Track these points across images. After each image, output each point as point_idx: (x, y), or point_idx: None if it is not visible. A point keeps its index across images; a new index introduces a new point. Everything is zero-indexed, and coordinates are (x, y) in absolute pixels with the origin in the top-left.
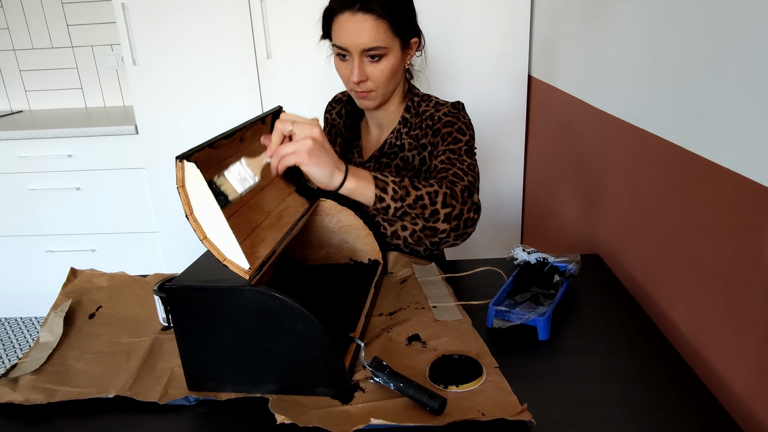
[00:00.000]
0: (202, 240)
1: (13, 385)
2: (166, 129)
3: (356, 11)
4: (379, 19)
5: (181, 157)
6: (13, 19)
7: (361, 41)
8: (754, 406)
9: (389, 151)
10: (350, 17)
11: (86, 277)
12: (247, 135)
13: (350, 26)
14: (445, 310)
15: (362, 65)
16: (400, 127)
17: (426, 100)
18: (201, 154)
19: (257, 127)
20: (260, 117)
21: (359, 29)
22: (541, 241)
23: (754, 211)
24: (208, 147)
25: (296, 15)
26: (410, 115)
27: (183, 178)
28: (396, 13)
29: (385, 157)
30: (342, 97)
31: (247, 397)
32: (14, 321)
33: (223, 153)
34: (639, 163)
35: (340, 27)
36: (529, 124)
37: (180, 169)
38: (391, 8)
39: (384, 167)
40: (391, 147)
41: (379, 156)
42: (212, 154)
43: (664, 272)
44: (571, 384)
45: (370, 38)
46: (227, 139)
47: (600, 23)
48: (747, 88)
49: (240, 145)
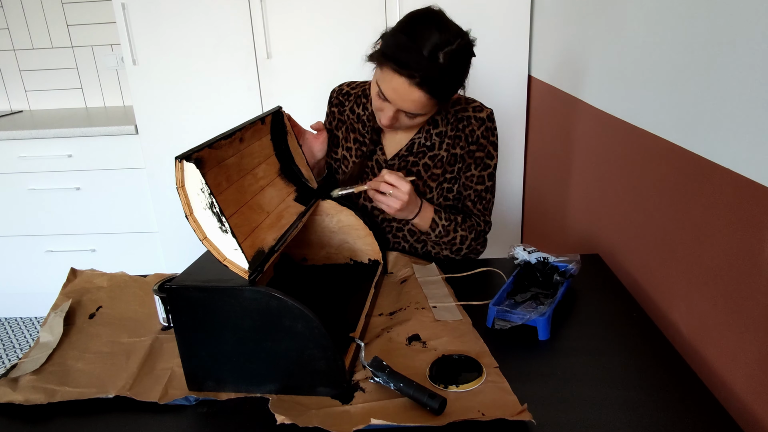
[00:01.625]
0: (202, 240)
1: (14, 385)
2: (166, 129)
3: (413, 84)
4: (431, 98)
5: (180, 157)
6: (13, 19)
7: (405, 106)
8: (754, 406)
9: (417, 151)
10: (405, 84)
11: (86, 277)
12: (246, 135)
13: (400, 89)
14: (446, 310)
15: (397, 115)
16: (430, 128)
17: (458, 102)
18: (201, 154)
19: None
20: (260, 117)
21: (407, 97)
22: (541, 240)
23: (754, 211)
24: (207, 147)
25: (296, 15)
26: (440, 117)
27: (183, 179)
28: (448, 93)
29: (412, 156)
30: (351, 91)
31: (247, 397)
32: (14, 321)
33: (223, 153)
34: (639, 163)
35: (391, 83)
36: (529, 124)
37: (180, 169)
38: (449, 89)
39: (411, 165)
40: (420, 147)
41: (406, 155)
42: (212, 154)
43: (664, 272)
44: (571, 384)
45: (416, 108)
46: (227, 139)
47: (600, 23)
48: (747, 88)
49: (240, 145)
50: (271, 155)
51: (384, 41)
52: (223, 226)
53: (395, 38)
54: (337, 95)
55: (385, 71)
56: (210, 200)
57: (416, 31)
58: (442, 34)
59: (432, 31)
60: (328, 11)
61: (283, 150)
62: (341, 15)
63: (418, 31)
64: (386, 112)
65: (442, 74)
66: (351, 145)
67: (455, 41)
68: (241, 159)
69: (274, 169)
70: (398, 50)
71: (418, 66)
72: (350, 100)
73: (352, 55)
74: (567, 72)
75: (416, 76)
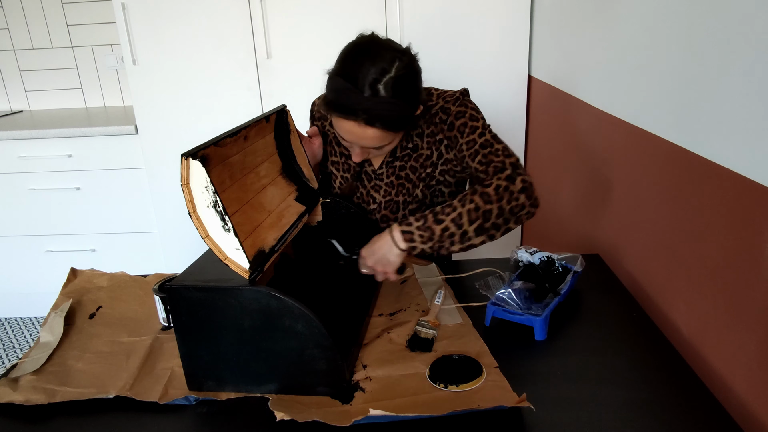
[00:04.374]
0: (204, 238)
1: (14, 385)
2: (166, 129)
3: (363, 124)
4: (385, 130)
5: (186, 154)
6: (13, 19)
7: (364, 143)
8: (754, 406)
9: (402, 154)
10: (355, 126)
11: (86, 277)
12: (251, 133)
13: (354, 131)
14: (445, 312)
15: (365, 150)
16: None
17: (428, 96)
18: (206, 151)
19: (261, 125)
20: (264, 116)
21: (363, 135)
22: (541, 241)
23: (754, 211)
24: (213, 145)
25: (296, 15)
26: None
27: (188, 176)
28: (403, 120)
29: (398, 161)
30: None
31: (247, 397)
32: (14, 321)
33: (228, 151)
34: (639, 163)
35: (343, 127)
36: (529, 124)
37: (185, 166)
38: (398, 120)
39: (399, 170)
40: (403, 150)
41: (392, 161)
42: (217, 152)
43: (664, 272)
44: (570, 384)
45: (374, 143)
46: (232, 137)
47: (600, 23)
48: (747, 87)
49: (244, 143)
50: (274, 153)
51: (327, 87)
52: (225, 225)
53: (334, 83)
54: (318, 108)
55: (335, 117)
56: (214, 198)
57: (351, 71)
58: (376, 65)
59: (365, 65)
60: (328, 11)
61: (286, 149)
62: (341, 15)
63: (353, 70)
64: (354, 151)
65: (388, 107)
66: (337, 159)
67: (392, 68)
68: (245, 157)
69: (276, 167)
70: (339, 96)
71: (361, 107)
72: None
73: None
74: (567, 72)
75: (362, 117)
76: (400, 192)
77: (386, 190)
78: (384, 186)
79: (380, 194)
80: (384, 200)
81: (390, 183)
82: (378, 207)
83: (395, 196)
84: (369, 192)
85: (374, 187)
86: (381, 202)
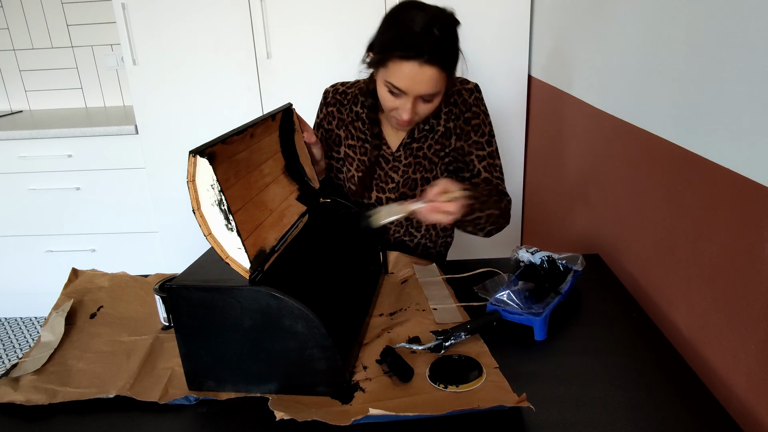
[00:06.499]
0: (207, 236)
1: (15, 385)
2: (166, 129)
3: (423, 63)
4: (442, 71)
5: (194, 152)
6: (13, 19)
7: (421, 89)
8: (754, 406)
9: (419, 136)
10: (415, 67)
11: (87, 277)
12: (257, 131)
13: (414, 75)
14: (446, 312)
15: (415, 106)
16: None
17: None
18: (214, 149)
19: (267, 123)
20: (271, 114)
21: (422, 79)
22: (542, 240)
23: (754, 211)
24: (220, 143)
25: (296, 15)
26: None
27: (194, 173)
28: (453, 62)
29: (416, 143)
30: (347, 90)
31: (247, 397)
32: (14, 321)
33: (234, 148)
34: (639, 163)
35: (402, 72)
36: (529, 124)
37: (192, 164)
38: (453, 59)
39: (417, 151)
40: (420, 132)
41: (410, 143)
42: (224, 150)
43: (664, 272)
44: (570, 384)
45: (431, 87)
46: (239, 135)
47: (600, 23)
48: (747, 87)
49: (251, 141)
50: (278, 152)
51: (377, 42)
52: (229, 223)
53: (388, 34)
54: (333, 94)
55: (392, 65)
56: (219, 197)
57: (405, 19)
58: (427, 13)
59: (417, 14)
60: (328, 11)
61: (289, 147)
62: (341, 15)
63: (407, 19)
64: (404, 106)
65: (443, 45)
66: (354, 143)
67: (440, 14)
68: (251, 155)
69: (280, 166)
70: (397, 41)
71: (421, 46)
72: (348, 99)
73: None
74: (567, 72)
75: (424, 54)
76: (418, 170)
77: (404, 170)
78: (402, 167)
79: (398, 174)
80: (402, 179)
81: (408, 164)
82: (396, 186)
83: (413, 174)
84: (387, 173)
85: (392, 168)
86: (399, 181)
